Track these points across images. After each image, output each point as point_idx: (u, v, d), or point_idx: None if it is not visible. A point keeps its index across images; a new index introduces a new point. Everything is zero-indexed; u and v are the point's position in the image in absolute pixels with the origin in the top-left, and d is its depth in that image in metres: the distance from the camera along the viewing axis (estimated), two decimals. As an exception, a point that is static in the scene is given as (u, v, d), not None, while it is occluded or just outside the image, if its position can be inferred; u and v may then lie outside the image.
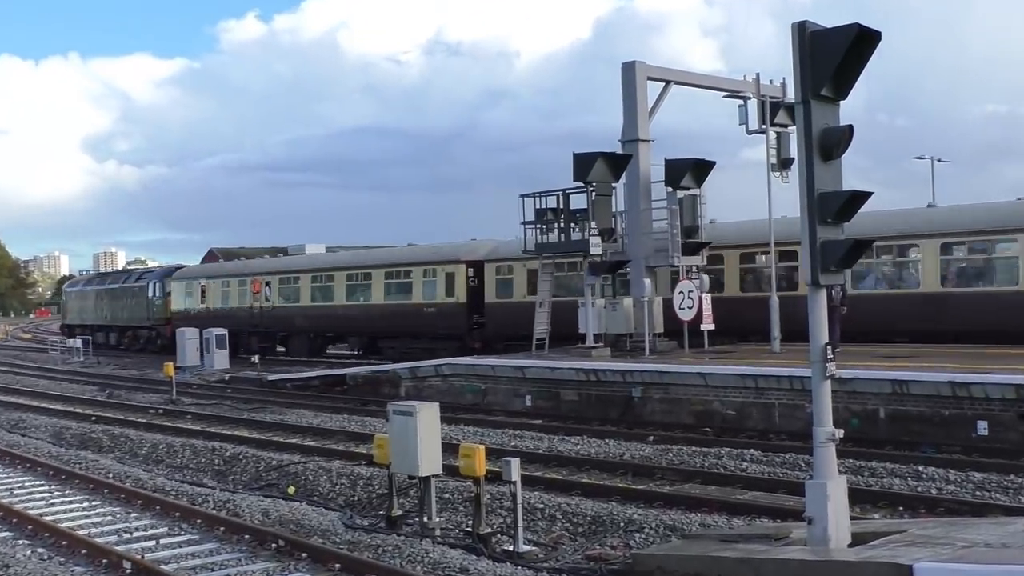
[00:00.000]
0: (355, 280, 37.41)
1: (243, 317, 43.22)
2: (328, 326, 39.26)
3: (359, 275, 37.36)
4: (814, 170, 9.17)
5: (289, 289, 41.18)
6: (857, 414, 17.53)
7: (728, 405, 19.61)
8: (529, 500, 12.85)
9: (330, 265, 39.85)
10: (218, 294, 45.65)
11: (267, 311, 42.05)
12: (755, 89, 24.79)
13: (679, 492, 13.90)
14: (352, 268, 37.99)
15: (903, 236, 23.79)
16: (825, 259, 9.21)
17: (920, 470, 14.24)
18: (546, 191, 26.76)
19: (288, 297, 41.11)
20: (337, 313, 37.96)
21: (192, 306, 47.25)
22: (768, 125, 24.29)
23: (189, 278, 48.90)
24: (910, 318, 23.30)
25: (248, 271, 44.64)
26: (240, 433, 21.50)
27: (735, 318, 24.95)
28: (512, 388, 23.87)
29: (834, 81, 9.17)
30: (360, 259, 39.12)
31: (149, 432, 21.84)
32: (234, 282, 44.95)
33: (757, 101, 24.56)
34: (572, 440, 18.48)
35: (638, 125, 25.90)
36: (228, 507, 13.79)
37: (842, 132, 9.26)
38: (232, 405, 27.27)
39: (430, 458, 11.80)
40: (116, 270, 73.73)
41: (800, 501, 10.25)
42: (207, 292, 46.36)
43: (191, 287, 47.85)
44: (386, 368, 28.28)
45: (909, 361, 19.20)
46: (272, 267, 43.54)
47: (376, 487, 14.51)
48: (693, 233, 25.78)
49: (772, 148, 24.50)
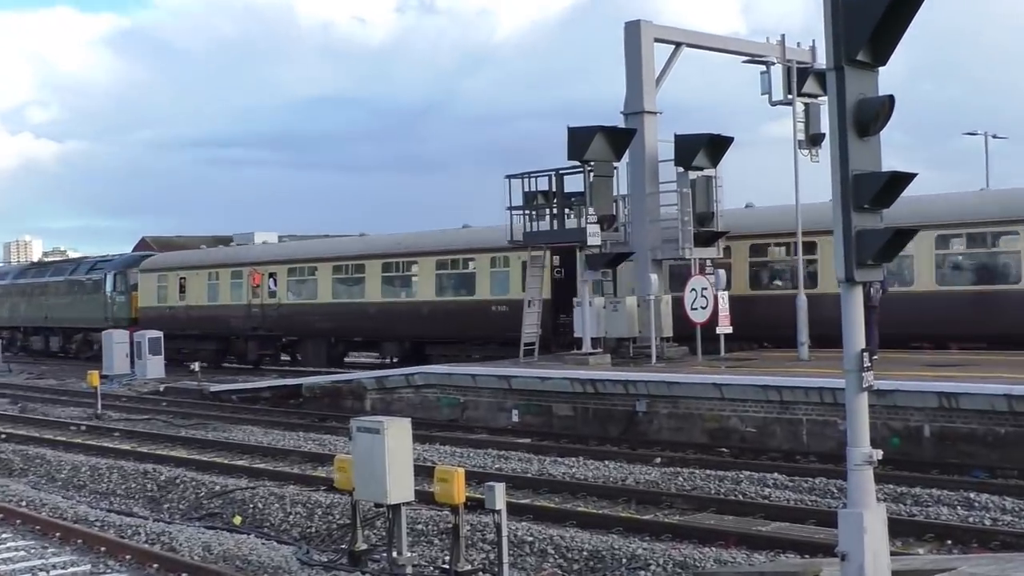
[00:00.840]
0: (394, 271, 35.11)
1: (238, 317, 40.56)
2: (355, 328, 36.46)
3: (399, 264, 35.06)
4: (848, 148, 9.17)
5: (302, 282, 38.64)
6: (898, 432, 17.59)
7: (748, 421, 19.65)
8: (516, 532, 12.85)
9: (360, 252, 36.91)
10: (203, 288, 42.80)
11: (271, 310, 39.27)
12: (780, 53, 24.84)
13: (691, 523, 13.92)
14: (391, 256, 35.28)
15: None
16: (861, 251, 9.21)
17: (971, 497, 14.29)
18: (536, 171, 26.77)
19: (300, 292, 38.65)
20: (369, 312, 35.37)
21: (167, 303, 44.32)
22: (795, 95, 24.34)
23: (163, 269, 45.73)
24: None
25: (246, 259, 41.44)
26: (177, 453, 21.41)
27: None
28: (496, 401, 23.87)
29: (872, 44, 9.17)
30: (402, 244, 35.82)
31: (69, 452, 21.75)
32: (225, 273, 41.99)
33: (782, 67, 24.61)
34: (566, 462, 18.49)
35: (643, 95, 25.92)
36: (163, 540, 13.74)
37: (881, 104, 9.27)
38: (168, 420, 27.19)
39: (400, 483, 11.77)
40: (58, 260, 67.84)
41: (832, 534, 10.28)
42: (188, 286, 43.48)
43: (165, 280, 44.91)
44: (349, 378, 28.25)
45: (958, 370, 19.29)
46: (279, 254, 40.79)
47: (337, 517, 14.48)
48: (707, 221, 25.82)
49: (799, 122, 24.56)
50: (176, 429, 25.53)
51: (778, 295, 24.76)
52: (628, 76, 26.24)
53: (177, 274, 44.53)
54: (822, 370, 19.82)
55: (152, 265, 46.67)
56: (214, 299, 42.31)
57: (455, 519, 11.31)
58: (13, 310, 56.30)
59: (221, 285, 42.08)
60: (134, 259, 49.13)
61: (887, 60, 9.37)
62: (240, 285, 40.78)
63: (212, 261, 43.98)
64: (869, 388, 9.42)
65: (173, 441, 23.55)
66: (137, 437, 24.34)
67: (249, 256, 41.65)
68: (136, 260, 48.48)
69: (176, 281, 44.35)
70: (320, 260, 38.12)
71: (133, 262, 48.19)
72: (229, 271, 41.92)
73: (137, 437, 24.34)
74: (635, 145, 25.69)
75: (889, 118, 9.35)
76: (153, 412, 29.21)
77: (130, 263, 48.24)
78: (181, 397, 32.45)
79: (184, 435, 24.31)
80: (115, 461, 20.22)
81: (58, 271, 53.89)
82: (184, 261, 45.63)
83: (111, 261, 50.13)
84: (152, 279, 45.68)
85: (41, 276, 54.73)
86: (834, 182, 9.27)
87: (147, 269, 46.41)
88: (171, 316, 43.51)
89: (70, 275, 51.56)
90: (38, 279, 54.56)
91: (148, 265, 46.76)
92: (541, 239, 26.83)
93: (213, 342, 42.11)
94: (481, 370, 24.90)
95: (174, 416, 28.02)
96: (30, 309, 54.32)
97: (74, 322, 49.80)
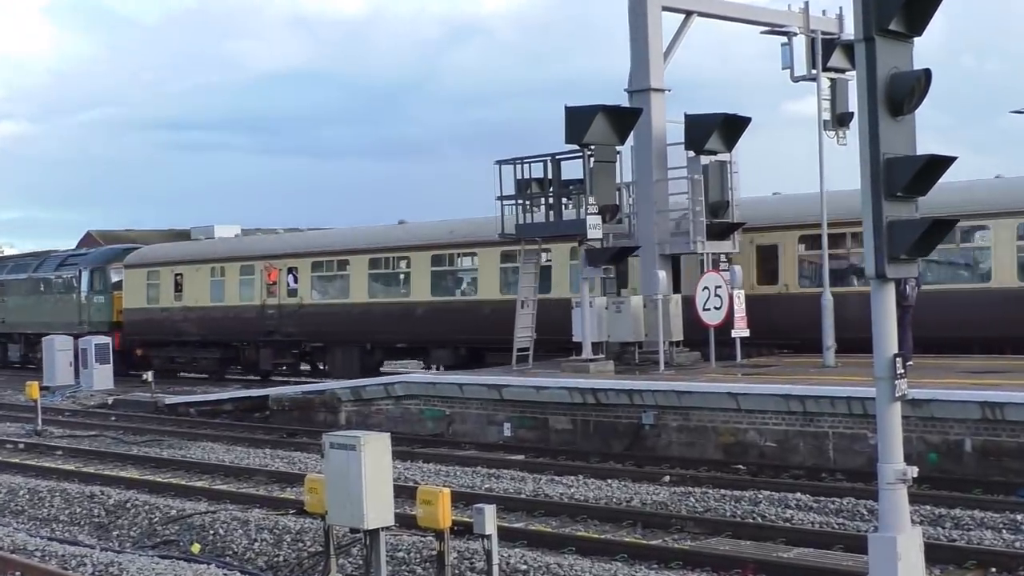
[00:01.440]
0: (445, 264, 33.89)
1: (249, 320, 38.70)
2: (397, 332, 34.90)
3: (453, 256, 33.82)
4: (879, 128, 9.17)
5: (330, 278, 37.31)
6: (936, 447, 17.62)
7: (767, 435, 19.67)
8: (508, 560, 12.84)
9: (403, 242, 35.22)
10: (204, 286, 40.66)
11: (290, 311, 37.55)
12: (803, 22, 24.88)
13: (704, 548, 13.93)
14: (443, 247, 33.77)
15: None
16: (893, 245, 9.20)
17: (1018, 520, 14.32)
18: (530, 157, 26.76)
19: (328, 291, 37.29)
20: (416, 313, 34.02)
21: (159, 304, 42.18)
22: (819, 70, 24.36)
23: (154, 264, 43.38)
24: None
25: (258, 252, 39.51)
26: (128, 474, 21.39)
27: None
28: (486, 413, 23.88)
29: (906, 11, 9.18)
30: (455, 233, 33.85)
31: (5, 474, 21.69)
32: (233, 269, 39.84)
33: (805, 38, 24.65)
34: (564, 481, 18.50)
35: (650, 70, 25.93)
36: (111, 572, 13.67)
37: (916, 79, 9.28)
38: (117, 437, 27.14)
39: (379, 505, 11.75)
40: (17, 254, 63.69)
41: (862, 561, 10.28)
42: (185, 283, 41.38)
43: (156, 276, 42.65)
44: (321, 388, 28.23)
45: (1003, 377, 19.32)
46: (300, 246, 39.06)
47: (308, 544, 14.47)
48: (721, 211, 25.84)
49: (825, 100, 24.58)
50: (127, 447, 25.47)
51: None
52: (633, 49, 26.23)
53: (172, 270, 42.30)
54: (849, 377, 19.83)
55: (139, 259, 44.21)
56: (219, 299, 40.15)
57: (440, 545, 11.29)
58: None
59: (228, 282, 39.97)
60: (114, 253, 46.74)
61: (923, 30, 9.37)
62: (251, 282, 38.96)
63: (216, 254, 41.78)
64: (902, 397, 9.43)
65: (123, 460, 23.50)
66: (82, 456, 24.28)
67: (263, 248, 39.69)
68: (117, 254, 46.22)
69: (170, 278, 42.14)
70: (351, 252, 36.44)
71: (114, 256, 45.99)
72: (238, 266, 39.81)
73: (82, 456, 24.28)
74: (641, 127, 25.69)
75: (925, 95, 9.35)
76: (101, 428, 29.14)
77: (110, 257, 45.98)
78: (132, 411, 32.39)
79: (136, 453, 24.26)
80: (57, 483, 20.16)
81: (19, 267, 51.78)
82: (181, 254, 43.28)
83: (86, 256, 47.87)
84: (139, 276, 43.43)
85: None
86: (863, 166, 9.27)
87: (133, 264, 44.05)
88: (163, 319, 41.75)
89: (34, 272, 49.42)
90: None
91: (135, 259, 44.29)
92: (536, 232, 26.82)
93: (216, 349, 40.49)
94: (469, 379, 24.91)
95: (124, 432, 27.94)
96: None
97: (40, 327, 46.43)
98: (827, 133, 24.56)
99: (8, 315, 50.26)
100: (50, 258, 50.53)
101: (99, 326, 43.64)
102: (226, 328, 39.46)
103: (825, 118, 24.57)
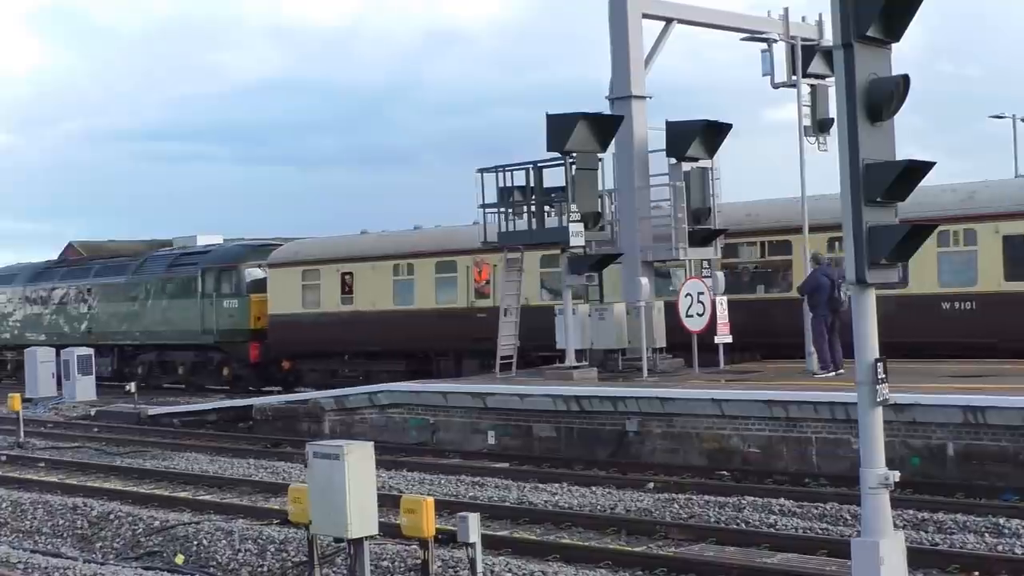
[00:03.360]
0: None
1: (448, 327, 32.47)
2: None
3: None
4: (858, 133, 9.21)
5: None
6: (918, 451, 17.66)
7: (751, 441, 19.70)
8: (492, 568, 12.84)
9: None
10: (385, 287, 34.76)
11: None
12: (783, 29, 24.92)
13: (688, 555, 13.94)
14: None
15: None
16: (872, 250, 9.24)
17: (1001, 524, 14.35)
18: (512, 165, 26.76)
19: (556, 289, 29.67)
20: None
21: (320, 309, 36.31)
22: (799, 76, 24.41)
23: (311, 262, 37.18)
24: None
25: (458, 245, 33.03)
26: (111, 486, 21.32)
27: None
28: (470, 422, 23.86)
29: (884, 17, 9.22)
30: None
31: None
32: (426, 265, 34.03)
33: (785, 45, 24.68)
34: (548, 488, 18.50)
35: (631, 77, 25.97)
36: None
37: (895, 84, 9.32)
38: (101, 448, 27.07)
39: (363, 515, 11.75)
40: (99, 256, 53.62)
41: (845, 565, 10.30)
42: (357, 284, 35.58)
43: (316, 276, 36.62)
44: (304, 397, 28.19)
45: (985, 381, 19.38)
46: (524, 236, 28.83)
47: (292, 554, 14.44)
48: (704, 217, 25.88)
49: (805, 106, 24.64)
50: (110, 458, 25.38)
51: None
52: (613, 56, 26.27)
53: (337, 268, 36.18)
54: (833, 383, 19.87)
55: (290, 257, 37.96)
56: (406, 301, 34.21)
57: (424, 554, 11.29)
58: (32, 325, 47.23)
59: (419, 281, 34.10)
60: (248, 249, 40.50)
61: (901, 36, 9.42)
62: (452, 281, 33.21)
63: (402, 249, 35.27)
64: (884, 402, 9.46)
65: (106, 471, 23.41)
66: (65, 468, 24.18)
67: (466, 240, 31.64)
68: (252, 250, 40.17)
69: (336, 278, 36.11)
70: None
71: (242, 255, 39.75)
72: (432, 262, 33.88)
73: (65, 468, 24.18)
74: (622, 134, 25.72)
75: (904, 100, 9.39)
76: (84, 439, 29.04)
77: (240, 255, 39.64)
78: (115, 422, 32.27)
79: (119, 464, 24.17)
80: (40, 495, 20.08)
81: (110, 269, 44.73)
82: (348, 249, 36.88)
83: (208, 252, 40.95)
84: (291, 276, 37.18)
85: (81, 278, 45.54)
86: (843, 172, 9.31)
87: (281, 263, 37.72)
88: (326, 326, 35.67)
89: (134, 274, 42.75)
90: (79, 281, 45.41)
91: (283, 257, 38.02)
92: (518, 240, 26.81)
93: (401, 361, 34.15)
94: (453, 387, 24.89)
95: (107, 443, 27.86)
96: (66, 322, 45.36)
97: (144, 338, 41.42)
98: (808, 139, 24.60)
99: (96, 324, 43.62)
100: (152, 257, 43.78)
101: (230, 335, 38.26)
102: (415, 336, 33.29)
103: (806, 124, 24.60)
